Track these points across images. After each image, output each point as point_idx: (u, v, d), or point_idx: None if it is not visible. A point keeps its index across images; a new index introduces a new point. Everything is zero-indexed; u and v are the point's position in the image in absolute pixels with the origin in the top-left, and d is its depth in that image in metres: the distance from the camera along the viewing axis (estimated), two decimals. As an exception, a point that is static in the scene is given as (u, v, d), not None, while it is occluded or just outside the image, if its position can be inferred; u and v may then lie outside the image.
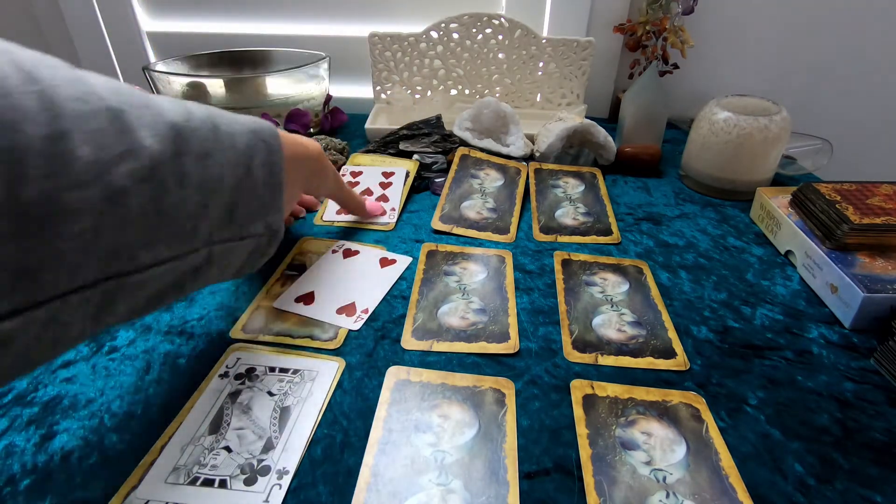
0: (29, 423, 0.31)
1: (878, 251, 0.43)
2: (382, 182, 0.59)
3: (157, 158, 0.25)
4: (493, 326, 0.39)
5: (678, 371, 0.36)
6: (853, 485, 0.29)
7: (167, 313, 0.41)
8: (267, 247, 0.35)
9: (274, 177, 0.34)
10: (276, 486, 0.28)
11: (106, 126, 0.24)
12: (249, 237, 0.33)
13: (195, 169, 0.28)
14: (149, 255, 0.26)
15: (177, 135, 0.27)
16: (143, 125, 0.26)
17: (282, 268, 0.46)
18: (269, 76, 0.71)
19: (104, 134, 0.23)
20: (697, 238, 0.52)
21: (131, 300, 0.26)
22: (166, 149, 0.26)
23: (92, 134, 0.23)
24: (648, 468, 0.29)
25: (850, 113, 0.83)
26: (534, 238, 0.51)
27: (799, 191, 0.49)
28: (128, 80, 0.90)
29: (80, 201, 0.22)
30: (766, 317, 0.42)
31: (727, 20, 0.79)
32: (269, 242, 0.35)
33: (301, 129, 0.69)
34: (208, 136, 0.29)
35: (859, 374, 0.36)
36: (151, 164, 0.25)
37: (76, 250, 0.22)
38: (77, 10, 0.84)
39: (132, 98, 0.26)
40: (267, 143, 0.33)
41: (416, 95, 0.79)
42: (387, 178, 0.59)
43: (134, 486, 0.28)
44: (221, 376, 0.34)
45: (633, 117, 0.68)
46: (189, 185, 0.27)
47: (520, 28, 0.73)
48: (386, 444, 0.30)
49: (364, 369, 0.36)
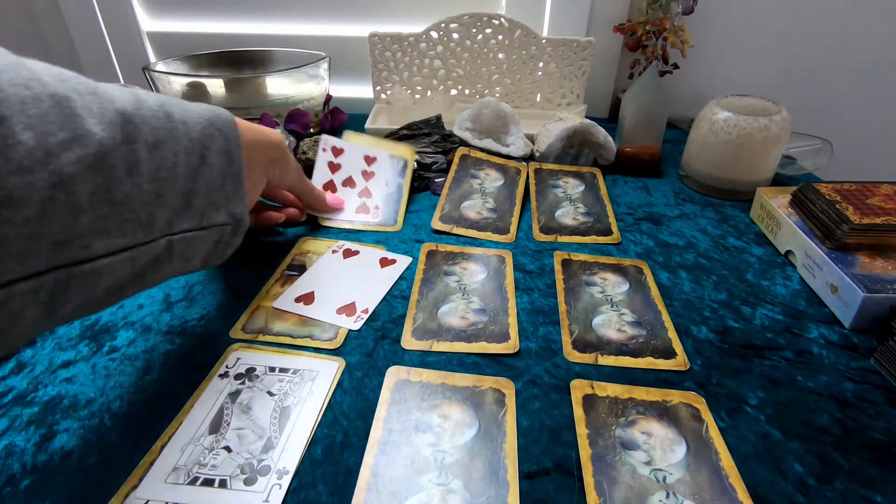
0: (29, 423, 0.31)
1: (878, 251, 0.43)
2: (365, 171, 0.56)
3: (106, 146, 0.25)
4: (493, 326, 0.39)
5: (678, 371, 0.36)
6: (853, 485, 0.29)
7: (167, 313, 0.41)
8: (232, 237, 0.35)
9: (233, 165, 0.34)
10: (276, 486, 0.28)
11: (49, 112, 0.23)
12: (211, 227, 0.33)
13: (147, 157, 0.28)
14: (102, 244, 0.26)
15: (126, 122, 0.27)
16: (91, 112, 0.25)
17: (282, 268, 0.46)
18: (269, 76, 0.71)
19: (47, 120, 0.23)
20: (697, 238, 0.52)
21: (87, 290, 0.26)
22: (115, 136, 0.26)
23: (34, 119, 0.23)
24: (648, 468, 0.29)
25: (850, 113, 0.83)
26: (534, 238, 0.51)
27: (799, 191, 0.49)
28: (128, 80, 0.90)
29: (24, 187, 0.22)
30: (766, 317, 0.41)
31: (727, 20, 0.79)
32: (233, 232, 0.35)
33: (301, 129, 0.69)
34: (160, 125, 0.29)
35: (859, 374, 0.36)
36: (99, 151, 0.25)
37: (23, 237, 0.22)
38: (77, 10, 0.84)
39: (78, 85, 0.26)
40: (222, 132, 0.33)
41: (416, 95, 0.79)
42: (369, 164, 0.57)
43: (134, 486, 0.28)
44: (221, 376, 0.34)
45: (633, 117, 0.68)
46: (141, 173, 0.27)
47: (520, 28, 0.73)
48: (386, 444, 0.30)
49: (364, 369, 0.36)
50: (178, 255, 0.31)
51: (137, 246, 0.28)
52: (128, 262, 0.28)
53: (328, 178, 0.55)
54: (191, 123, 0.31)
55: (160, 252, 0.30)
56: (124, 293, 0.29)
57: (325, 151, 0.57)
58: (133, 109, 0.28)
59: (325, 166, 0.56)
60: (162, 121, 0.29)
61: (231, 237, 0.35)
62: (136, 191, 0.27)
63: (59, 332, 0.39)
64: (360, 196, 0.55)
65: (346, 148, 0.57)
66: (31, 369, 0.35)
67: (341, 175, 0.56)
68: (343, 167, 0.56)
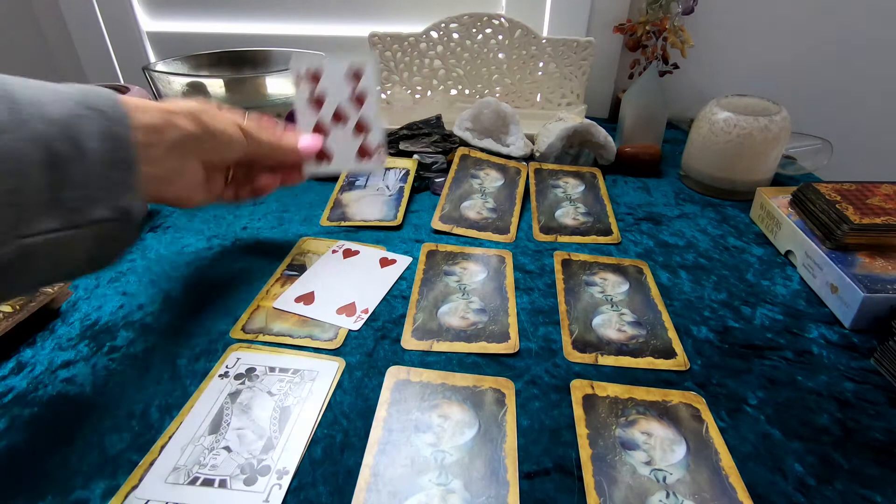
0: (29, 423, 0.31)
1: (878, 251, 0.43)
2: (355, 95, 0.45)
3: None
4: (493, 326, 0.39)
5: (678, 371, 0.36)
6: (853, 485, 0.29)
7: (167, 313, 0.41)
8: (122, 232, 0.30)
9: (121, 151, 0.28)
10: (276, 486, 0.28)
11: None
12: (88, 224, 0.28)
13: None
14: None
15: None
16: None
17: (282, 268, 0.46)
18: (269, 76, 0.71)
19: None
20: (697, 238, 0.52)
21: None
22: None
23: None
24: (648, 468, 0.29)
25: (850, 113, 0.83)
26: (534, 238, 0.51)
27: (799, 191, 0.49)
28: (128, 80, 0.90)
29: None
30: (766, 317, 0.41)
31: (727, 20, 0.79)
32: (123, 227, 0.29)
33: (301, 128, 0.69)
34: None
35: (859, 374, 0.36)
36: None
37: None
38: (77, 10, 0.84)
39: None
40: (103, 112, 0.28)
41: (416, 95, 0.79)
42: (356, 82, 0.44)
43: (134, 486, 0.28)
44: (221, 376, 0.34)
45: (633, 117, 0.68)
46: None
47: (520, 28, 0.73)
48: (386, 444, 0.30)
49: (364, 369, 0.36)
50: (43, 260, 0.27)
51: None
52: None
53: (314, 119, 0.44)
54: (47, 104, 0.26)
55: (11, 259, 0.25)
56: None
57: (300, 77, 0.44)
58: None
59: (306, 104, 0.44)
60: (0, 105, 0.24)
61: (121, 233, 0.30)
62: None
63: (59, 332, 0.39)
64: (356, 133, 0.45)
65: (323, 67, 0.44)
66: (31, 369, 0.35)
67: (328, 109, 0.45)
68: (328, 97, 0.44)
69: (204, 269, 0.46)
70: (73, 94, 0.28)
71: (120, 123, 0.29)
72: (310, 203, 0.57)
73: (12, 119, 0.25)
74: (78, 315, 0.40)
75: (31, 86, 0.27)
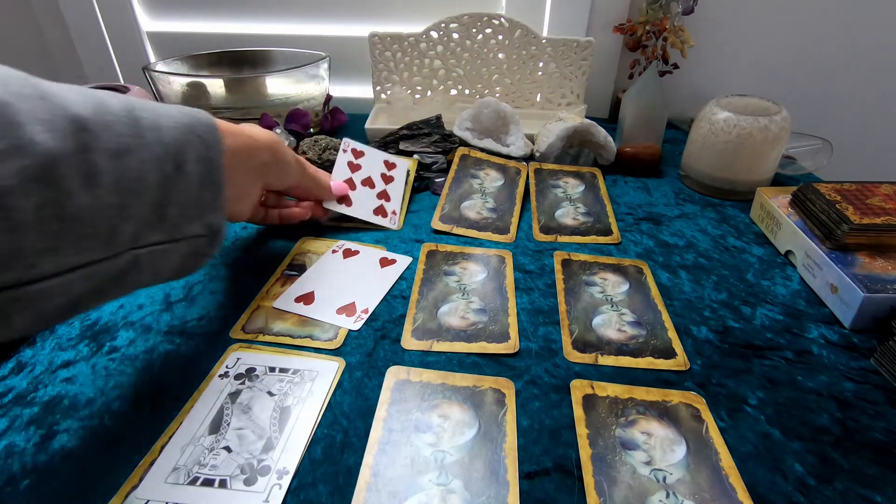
0: (29, 423, 0.31)
1: (878, 251, 0.43)
2: (384, 174, 0.57)
3: (53, 156, 0.23)
4: (493, 326, 0.39)
5: (678, 371, 0.36)
6: (853, 485, 0.29)
7: (167, 313, 0.41)
8: (207, 247, 0.33)
9: (212, 173, 0.31)
10: (276, 486, 0.28)
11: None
12: (185, 239, 0.31)
13: (108, 167, 0.25)
14: (51, 262, 0.24)
15: (81, 129, 0.25)
16: (35, 119, 0.23)
17: (282, 268, 0.46)
18: (269, 76, 0.71)
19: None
20: (697, 238, 0.52)
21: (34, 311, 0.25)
22: (66, 145, 0.24)
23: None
24: (648, 468, 0.29)
25: (850, 113, 0.83)
26: (534, 238, 0.51)
27: (799, 191, 0.49)
28: (128, 80, 0.90)
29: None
30: (766, 317, 0.41)
31: (727, 20, 0.79)
32: (209, 243, 0.33)
33: (301, 129, 0.69)
34: (125, 132, 0.27)
35: (859, 374, 0.36)
36: (45, 161, 0.23)
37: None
38: (77, 11, 0.84)
39: (24, 89, 0.24)
40: (202, 138, 0.31)
41: (416, 95, 0.79)
42: (389, 169, 0.57)
43: (134, 486, 0.28)
44: (221, 376, 0.34)
45: (633, 117, 0.68)
46: (100, 184, 0.25)
47: (520, 28, 0.73)
48: (386, 444, 0.30)
49: (364, 369, 0.36)
50: (145, 268, 0.29)
51: (95, 263, 0.26)
52: (83, 281, 0.25)
53: (347, 177, 0.54)
54: (164, 129, 0.29)
55: (124, 267, 0.27)
56: (79, 310, 0.27)
57: (345, 152, 0.56)
58: (91, 115, 0.25)
59: (345, 166, 0.55)
60: (127, 127, 0.27)
61: (206, 248, 0.33)
62: (95, 204, 0.25)
63: (59, 332, 0.39)
64: (378, 198, 0.54)
65: (366, 151, 0.57)
66: (31, 369, 0.35)
67: (360, 175, 0.55)
68: (363, 168, 0.56)
69: (204, 269, 0.46)
70: (183, 119, 0.31)
71: (214, 149, 0.32)
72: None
73: (137, 142, 0.27)
74: (78, 315, 0.40)
75: (149, 108, 0.30)
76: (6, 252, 0.22)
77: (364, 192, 0.54)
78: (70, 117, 0.25)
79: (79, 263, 0.25)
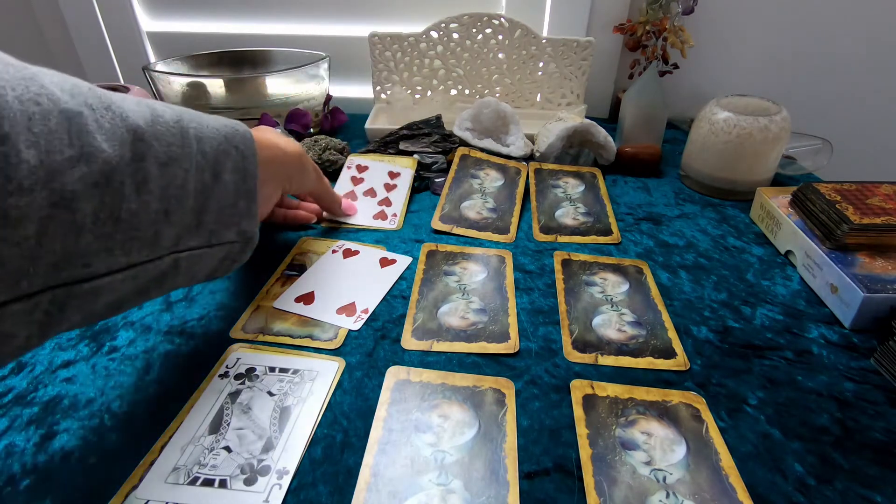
0: (29, 423, 0.31)
1: (878, 251, 0.43)
2: (387, 183, 0.58)
3: (114, 163, 0.25)
4: (493, 326, 0.39)
5: (678, 371, 0.36)
6: (853, 485, 0.29)
7: (167, 313, 0.41)
8: (240, 253, 0.34)
9: (247, 182, 0.33)
10: (276, 486, 0.28)
11: (57, 129, 0.23)
12: (220, 244, 0.32)
13: (157, 175, 0.27)
14: (104, 262, 0.25)
15: (137, 139, 0.26)
16: (101, 129, 0.25)
17: (282, 268, 0.46)
18: (269, 76, 0.71)
19: (54, 137, 0.22)
20: (697, 238, 0.52)
21: (85, 308, 0.26)
22: (124, 153, 0.25)
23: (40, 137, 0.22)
24: (648, 468, 0.29)
25: (850, 113, 0.83)
26: (534, 238, 0.51)
27: (799, 191, 0.49)
28: (128, 80, 0.90)
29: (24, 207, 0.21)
30: (766, 317, 0.41)
31: (727, 20, 0.79)
32: (242, 249, 0.34)
33: (301, 129, 0.69)
34: (174, 141, 0.28)
35: (859, 374, 0.36)
36: (106, 169, 0.24)
37: (19, 257, 0.21)
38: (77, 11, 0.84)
39: (92, 100, 0.25)
40: (239, 150, 0.33)
41: (416, 95, 0.79)
42: (392, 178, 0.59)
43: (134, 486, 0.28)
44: (221, 376, 0.34)
45: (633, 117, 0.68)
46: (149, 191, 0.27)
47: (520, 28, 0.73)
48: (386, 444, 0.30)
49: (364, 369, 0.36)
50: (183, 271, 0.31)
51: (141, 264, 0.27)
52: (130, 281, 0.27)
53: (349, 189, 0.57)
54: (206, 139, 0.31)
55: (165, 269, 0.29)
56: (123, 308, 0.29)
57: (349, 169, 0.60)
58: (146, 125, 0.27)
59: (349, 180, 0.58)
60: (176, 137, 0.29)
61: (239, 253, 0.35)
62: (144, 209, 0.26)
63: (59, 332, 0.39)
64: (379, 204, 0.55)
65: (370, 165, 0.61)
66: (31, 369, 0.35)
67: (363, 187, 0.58)
68: (366, 181, 0.59)
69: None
70: (223, 130, 0.33)
71: (250, 160, 0.33)
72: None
73: (182, 151, 0.29)
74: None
75: (195, 118, 0.31)
76: (68, 252, 0.23)
77: (366, 202, 0.56)
78: (128, 127, 0.26)
79: (127, 264, 0.27)
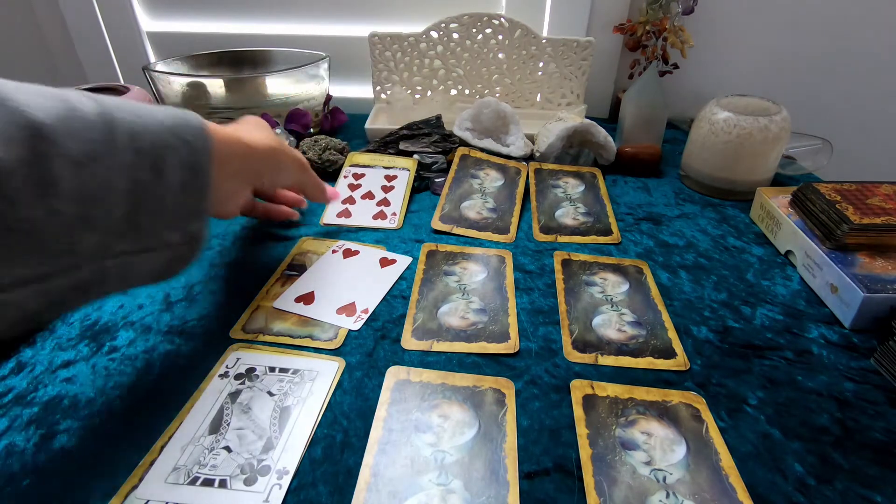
0: (29, 423, 0.31)
1: (878, 251, 0.43)
2: (385, 185, 0.58)
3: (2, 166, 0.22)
4: (493, 326, 0.39)
5: (678, 371, 0.36)
6: (853, 485, 0.29)
7: (167, 313, 0.41)
8: (188, 254, 0.31)
9: (197, 179, 0.30)
10: (276, 486, 0.28)
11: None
12: (160, 248, 0.29)
13: (69, 176, 0.24)
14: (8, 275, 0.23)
15: (36, 137, 0.23)
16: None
17: (282, 268, 0.46)
18: (269, 76, 0.71)
19: None
20: (697, 238, 0.52)
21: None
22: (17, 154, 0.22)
23: None
24: (648, 468, 0.29)
25: (850, 113, 0.83)
26: (534, 238, 0.51)
27: (799, 191, 0.49)
28: (128, 80, 0.90)
29: None
30: (766, 317, 0.41)
31: (727, 20, 0.79)
32: (189, 251, 0.31)
33: (301, 129, 0.69)
34: (93, 138, 0.25)
35: (859, 374, 0.36)
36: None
37: None
38: (77, 10, 0.84)
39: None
40: (189, 144, 0.29)
41: (416, 95, 0.79)
42: (389, 181, 0.59)
43: (134, 486, 0.28)
44: (221, 376, 0.34)
45: (633, 117, 0.68)
46: (57, 195, 0.24)
47: (520, 28, 0.73)
48: (386, 444, 0.30)
49: (364, 369, 0.36)
50: (113, 278, 0.28)
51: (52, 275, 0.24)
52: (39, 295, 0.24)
53: (347, 195, 0.57)
54: (143, 134, 0.27)
55: (88, 278, 0.26)
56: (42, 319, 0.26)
57: (345, 178, 0.60)
58: (54, 121, 0.24)
59: (346, 187, 0.58)
60: (97, 133, 0.25)
61: (187, 254, 0.31)
62: (50, 215, 0.23)
63: (59, 332, 0.39)
64: (378, 205, 0.56)
65: (367, 173, 0.61)
66: (31, 369, 0.35)
67: (361, 191, 0.58)
68: (363, 186, 0.59)
69: (204, 269, 0.46)
70: (167, 122, 0.29)
71: (202, 154, 0.30)
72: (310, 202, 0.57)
73: (106, 149, 0.25)
74: (78, 315, 0.40)
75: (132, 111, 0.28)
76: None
77: (363, 204, 0.56)
78: (26, 124, 0.23)
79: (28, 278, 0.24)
